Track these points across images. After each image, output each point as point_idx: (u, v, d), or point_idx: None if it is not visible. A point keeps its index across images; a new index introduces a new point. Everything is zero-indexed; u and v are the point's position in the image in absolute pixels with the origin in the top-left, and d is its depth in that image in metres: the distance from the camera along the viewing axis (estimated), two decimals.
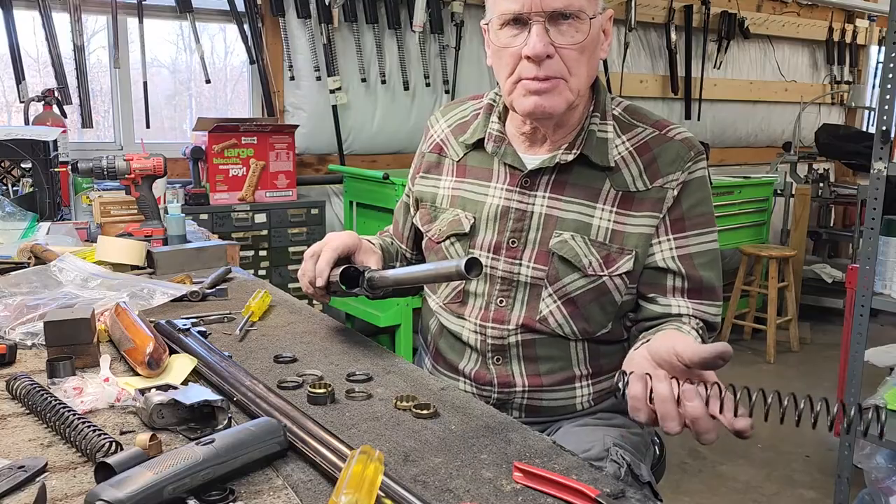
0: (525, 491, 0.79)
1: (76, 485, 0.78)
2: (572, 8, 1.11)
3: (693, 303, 1.20)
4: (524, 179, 1.23)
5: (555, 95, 1.15)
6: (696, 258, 1.20)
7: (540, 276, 1.21)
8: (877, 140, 2.29)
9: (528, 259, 1.22)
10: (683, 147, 1.21)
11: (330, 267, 1.21)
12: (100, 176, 1.99)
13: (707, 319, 1.21)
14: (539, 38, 1.11)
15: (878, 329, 4.63)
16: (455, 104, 1.41)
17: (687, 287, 1.20)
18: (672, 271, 1.19)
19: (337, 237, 1.25)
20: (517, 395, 1.25)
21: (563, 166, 1.22)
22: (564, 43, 1.12)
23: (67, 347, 1.09)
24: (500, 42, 1.17)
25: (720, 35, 5.60)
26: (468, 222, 1.27)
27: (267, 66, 3.80)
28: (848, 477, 2.41)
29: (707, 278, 1.20)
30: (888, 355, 2.67)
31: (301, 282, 1.27)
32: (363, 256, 1.27)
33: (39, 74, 3.45)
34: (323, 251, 1.22)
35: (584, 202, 1.20)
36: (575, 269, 1.19)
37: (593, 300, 1.20)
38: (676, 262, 1.19)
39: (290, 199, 3.54)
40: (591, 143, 1.21)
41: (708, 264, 1.21)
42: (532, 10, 1.11)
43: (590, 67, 1.17)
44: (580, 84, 1.16)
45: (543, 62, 1.12)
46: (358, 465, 0.70)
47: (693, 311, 1.19)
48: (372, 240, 1.41)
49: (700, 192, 1.21)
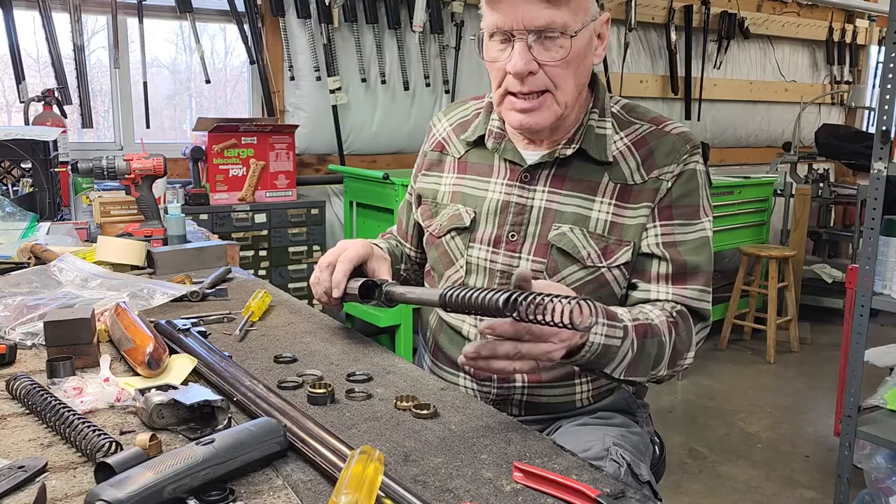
0: (525, 491, 0.79)
1: (76, 485, 0.78)
2: (555, 26, 1.12)
3: (676, 288, 1.20)
4: (524, 174, 1.26)
5: (542, 111, 1.17)
6: (680, 245, 1.21)
7: (539, 268, 1.22)
8: (877, 140, 2.29)
9: (528, 252, 1.23)
10: (680, 140, 1.23)
11: (347, 278, 1.21)
12: (100, 176, 1.99)
13: (690, 305, 1.20)
14: (521, 55, 1.13)
15: (878, 329, 4.64)
16: (457, 105, 1.44)
17: (671, 272, 1.20)
18: (657, 256, 1.20)
19: (350, 247, 1.25)
20: (517, 390, 1.25)
21: (562, 161, 1.24)
22: (548, 59, 1.14)
23: (67, 347, 1.09)
24: (488, 55, 1.19)
25: (720, 35, 5.60)
26: (468, 216, 1.29)
27: (267, 66, 3.80)
28: (848, 477, 2.41)
29: (692, 262, 1.20)
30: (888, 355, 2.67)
31: (315, 291, 1.27)
32: (375, 264, 1.27)
33: (39, 74, 3.45)
34: (339, 262, 1.22)
35: (582, 195, 1.22)
36: (574, 260, 1.20)
37: (592, 292, 1.21)
38: (661, 248, 1.20)
39: (290, 199, 3.54)
40: (590, 138, 1.23)
41: (693, 250, 1.21)
42: (515, 27, 1.12)
43: (577, 77, 1.19)
44: (567, 96, 1.18)
45: (527, 78, 1.15)
46: (358, 465, 0.70)
47: (673, 297, 1.20)
48: (381, 244, 1.42)
49: (690, 184, 1.22)
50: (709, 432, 3.31)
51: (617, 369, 1.08)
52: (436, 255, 1.35)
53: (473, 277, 1.28)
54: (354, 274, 1.23)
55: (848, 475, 2.41)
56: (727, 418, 3.47)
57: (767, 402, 3.72)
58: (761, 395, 3.81)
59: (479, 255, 1.27)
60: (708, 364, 4.19)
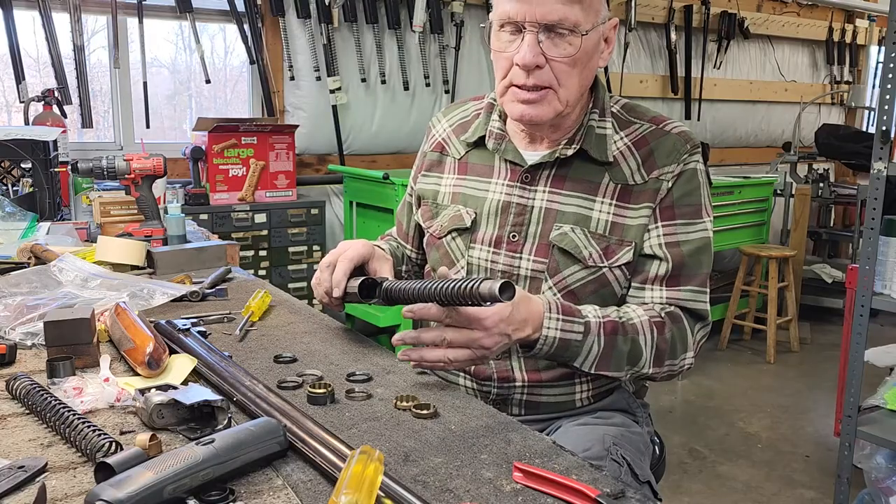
0: (525, 491, 0.79)
1: (76, 485, 0.78)
2: (567, 22, 1.12)
3: (670, 290, 1.21)
4: (524, 174, 1.25)
5: (543, 105, 1.17)
6: (683, 245, 1.21)
7: (540, 268, 1.22)
8: (877, 140, 2.29)
9: (529, 252, 1.23)
10: (680, 140, 1.23)
11: (347, 278, 1.22)
12: (100, 176, 1.99)
13: (686, 306, 1.21)
14: (530, 48, 1.13)
15: (878, 329, 4.64)
16: (456, 105, 1.43)
17: (669, 274, 1.20)
18: (658, 258, 1.20)
19: (351, 247, 1.25)
20: (517, 390, 1.25)
21: (562, 161, 1.24)
22: (556, 55, 1.14)
23: (67, 347, 1.09)
24: (497, 45, 1.19)
25: (720, 35, 5.60)
26: (469, 217, 1.28)
27: (267, 66, 3.80)
28: (848, 477, 2.41)
29: (690, 263, 1.21)
30: (888, 355, 2.67)
31: (316, 291, 1.27)
32: (377, 264, 1.28)
33: (39, 74, 3.45)
34: (339, 262, 1.23)
35: (583, 195, 1.22)
36: (575, 260, 1.20)
37: (593, 292, 1.21)
38: (663, 248, 1.20)
39: (290, 199, 3.54)
40: (591, 138, 1.23)
41: (695, 251, 1.21)
42: (527, 18, 1.12)
43: (582, 78, 1.19)
44: (570, 95, 1.18)
45: (533, 71, 1.14)
46: (358, 465, 0.70)
47: (668, 300, 1.20)
48: (382, 245, 1.42)
49: (691, 184, 1.22)
50: (709, 432, 3.31)
51: (585, 363, 1.12)
52: (437, 255, 1.34)
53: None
54: (356, 274, 1.23)
55: (848, 475, 2.41)
56: (727, 418, 3.47)
57: (767, 402, 3.72)
58: (761, 395, 3.81)
59: (481, 256, 1.27)
60: (708, 364, 4.19)
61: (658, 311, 1.18)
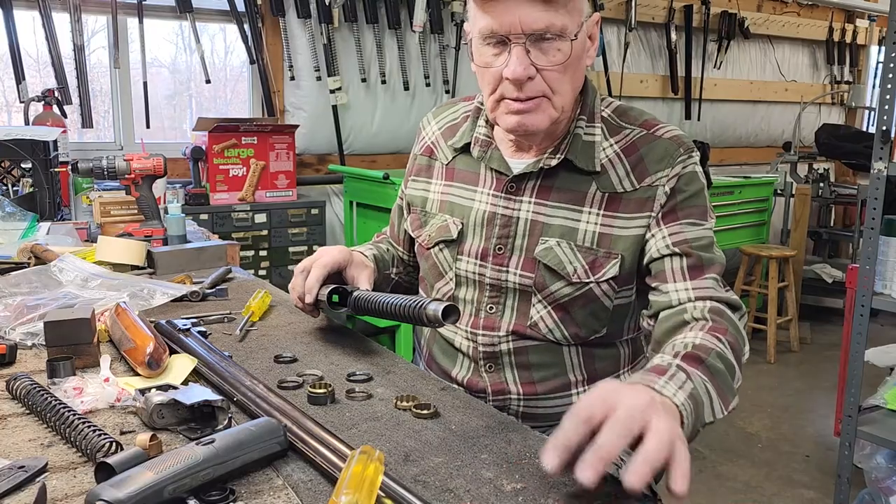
0: (525, 491, 0.79)
1: (76, 485, 0.78)
2: (553, 28, 1.07)
3: (695, 282, 1.12)
4: (510, 184, 1.21)
5: (538, 113, 1.13)
6: (692, 242, 1.15)
7: (528, 283, 1.19)
8: (877, 140, 2.29)
9: (516, 266, 1.20)
10: (672, 144, 1.18)
11: (319, 284, 1.21)
12: (100, 176, 1.99)
13: (713, 296, 1.11)
14: (519, 60, 1.07)
15: (878, 329, 4.64)
16: (447, 105, 1.39)
17: (686, 265, 1.14)
18: (669, 255, 1.14)
19: (328, 253, 1.24)
20: (512, 402, 1.24)
21: (548, 171, 1.19)
22: (546, 64, 1.09)
23: (67, 347, 1.09)
24: (481, 60, 1.13)
25: (720, 35, 5.60)
26: (456, 228, 1.26)
27: (267, 66, 3.80)
28: (848, 477, 2.41)
29: (704, 255, 1.14)
30: (888, 355, 2.68)
31: (290, 296, 1.27)
32: (354, 271, 1.26)
33: (39, 74, 3.46)
34: (313, 268, 1.22)
35: (569, 206, 1.18)
36: (560, 277, 1.17)
37: (583, 307, 1.19)
38: (671, 247, 1.14)
39: (290, 199, 3.54)
40: (577, 146, 1.18)
41: (705, 246, 1.15)
42: (511, 31, 1.07)
43: (574, 81, 1.15)
44: (564, 100, 1.14)
45: (525, 84, 1.10)
46: (358, 465, 0.70)
47: (695, 294, 1.11)
48: (365, 251, 1.39)
49: (691, 187, 1.17)
50: (709, 432, 3.30)
51: (714, 407, 0.95)
52: (426, 266, 1.33)
53: (463, 290, 1.26)
54: (334, 281, 1.23)
55: (848, 475, 2.41)
56: (727, 418, 3.45)
57: (767, 401, 3.72)
58: (761, 395, 3.81)
59: (468, 269, 1.24)
60: None
61: (701, 315, 1.07)
